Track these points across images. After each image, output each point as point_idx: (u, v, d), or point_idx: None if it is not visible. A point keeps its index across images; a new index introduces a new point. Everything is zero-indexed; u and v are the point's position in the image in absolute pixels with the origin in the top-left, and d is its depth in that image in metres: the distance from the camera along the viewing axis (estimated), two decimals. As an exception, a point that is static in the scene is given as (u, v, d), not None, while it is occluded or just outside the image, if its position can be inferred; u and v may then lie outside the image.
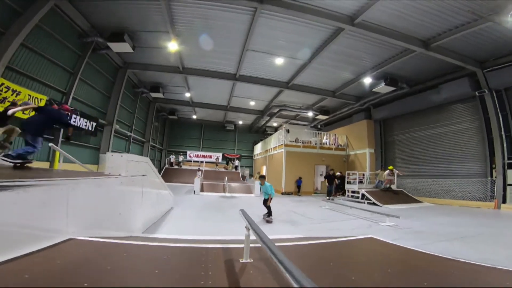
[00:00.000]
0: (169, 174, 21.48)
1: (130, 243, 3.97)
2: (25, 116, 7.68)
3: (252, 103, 21.43)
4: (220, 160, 27.63)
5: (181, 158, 26.23)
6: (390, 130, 17.05)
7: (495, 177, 10.60)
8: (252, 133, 31.02)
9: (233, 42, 11.74)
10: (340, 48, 11.51)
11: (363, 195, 12.48)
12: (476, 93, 11.28)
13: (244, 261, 3.18)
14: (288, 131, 18.50)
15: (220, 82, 16.40)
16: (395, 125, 16.69)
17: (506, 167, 10.09)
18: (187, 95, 20.01)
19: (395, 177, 13.47)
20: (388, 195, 12.43)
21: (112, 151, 13.21)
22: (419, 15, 8.88)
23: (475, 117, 11.80)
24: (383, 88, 13.75)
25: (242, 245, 3.24)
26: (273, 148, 20.43)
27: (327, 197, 13.43)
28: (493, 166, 10.45)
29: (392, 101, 15.93)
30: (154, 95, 18.75)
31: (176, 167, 24.59)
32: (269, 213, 7.23)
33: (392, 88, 13.79)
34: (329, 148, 18.92)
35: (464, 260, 3.73)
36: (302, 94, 17.67)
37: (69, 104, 10.56)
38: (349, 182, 14.72)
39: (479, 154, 11.52)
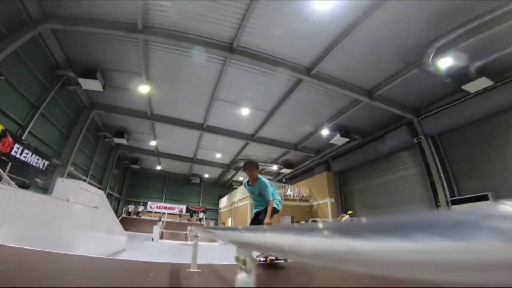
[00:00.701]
0: (127, 223, 19.43)
1: (64, 253, 3.67)
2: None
3: (218, 155, 21.62)
4: (184, 212, 26.20)
5: (140, 208, 24.49)
6: (347, 181, 18.05)
7: (441, 214, 11.20)
8: (218, 187, 30.58)
9: (203, 90, 12.28)
10: (301, 100, 12.46)
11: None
12: (415, 140, 12.44)
13: (191, 270, 3.07)
14: (253, 183, 18.66)
15: (188, 132, 16.60)
16: (351, 176, 17.77)
17: (450, 204, 10.89)
18: (153, 143, 19.72)
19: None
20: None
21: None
22: (362, 65, 9.96)
23: (417, 162, 12.94)
24: (338, 139, 14.91)
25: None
26: (238, 200, 20.35)
27: None
28: (438, 204, 11.32)
29: (347, 152, 17.22)
30: (117, 140, 18.08)
31: (134, 216, 22.67)
32: None
33: (346, 139, 14.96)
34: (293, 200, 19.24)
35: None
36: (267, 147, 18.32)
37: (23, 138, 9.92)
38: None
39: (425, 195, 12.40)
